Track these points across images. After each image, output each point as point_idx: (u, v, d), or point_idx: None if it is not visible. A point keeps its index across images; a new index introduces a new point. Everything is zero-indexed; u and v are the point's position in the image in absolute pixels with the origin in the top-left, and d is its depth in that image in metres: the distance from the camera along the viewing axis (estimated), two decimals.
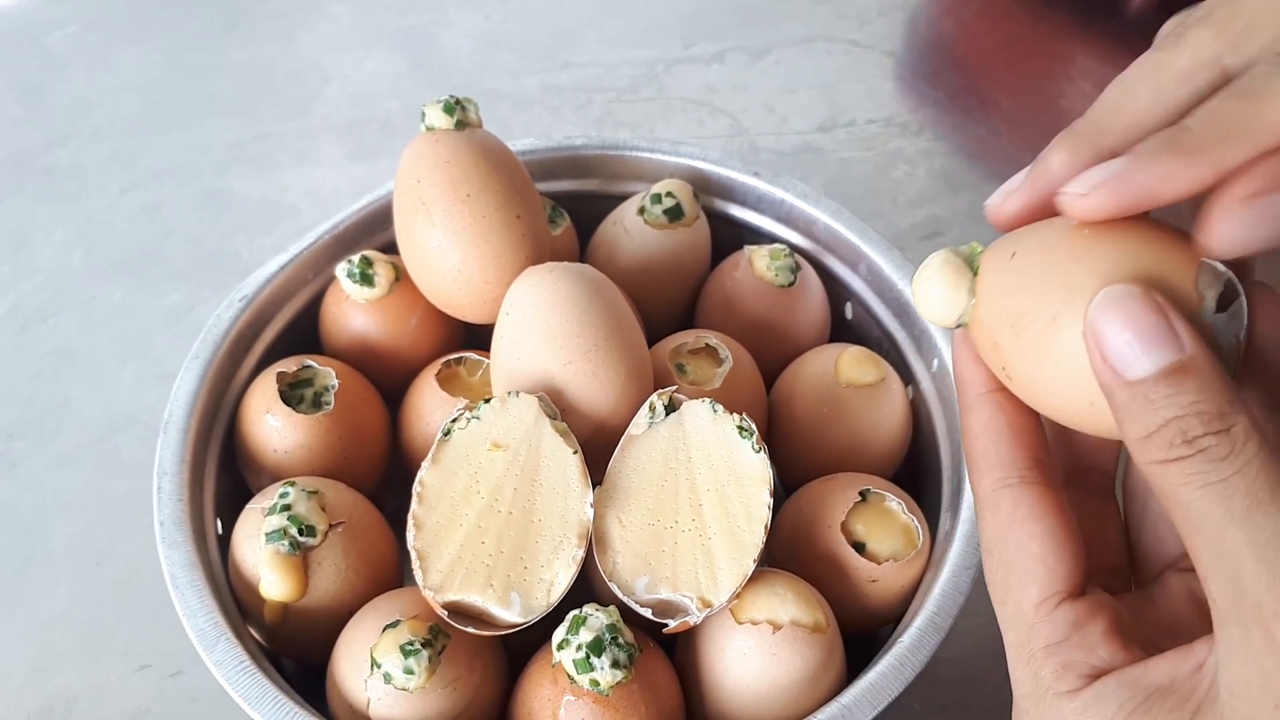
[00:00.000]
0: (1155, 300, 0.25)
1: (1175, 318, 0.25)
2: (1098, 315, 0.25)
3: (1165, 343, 0.24)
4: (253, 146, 0.76)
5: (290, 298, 0.54)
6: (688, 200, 0.56)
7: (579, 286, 0.45)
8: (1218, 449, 0.23)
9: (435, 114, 0.50)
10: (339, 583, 0.44)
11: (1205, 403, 0.24)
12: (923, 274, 0.31)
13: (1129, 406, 0.25)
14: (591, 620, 0.40)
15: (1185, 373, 0.24)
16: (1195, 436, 0.24)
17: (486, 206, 0.48)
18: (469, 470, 0.43)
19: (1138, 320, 0.25)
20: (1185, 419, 0.24)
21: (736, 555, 0.41)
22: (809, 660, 0.41)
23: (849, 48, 0.83)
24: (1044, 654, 0.28)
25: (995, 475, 0.30)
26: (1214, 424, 0.24)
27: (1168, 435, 0.24)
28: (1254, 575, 0.23)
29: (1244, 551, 0.23)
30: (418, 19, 0.85)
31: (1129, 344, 0.24)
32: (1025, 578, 0.29)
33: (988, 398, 0.31)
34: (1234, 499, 0.23)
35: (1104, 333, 0.25)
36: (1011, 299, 0.29)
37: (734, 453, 0.43)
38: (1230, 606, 0.24)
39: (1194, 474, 0.24)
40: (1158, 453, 0.24)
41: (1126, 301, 0.25)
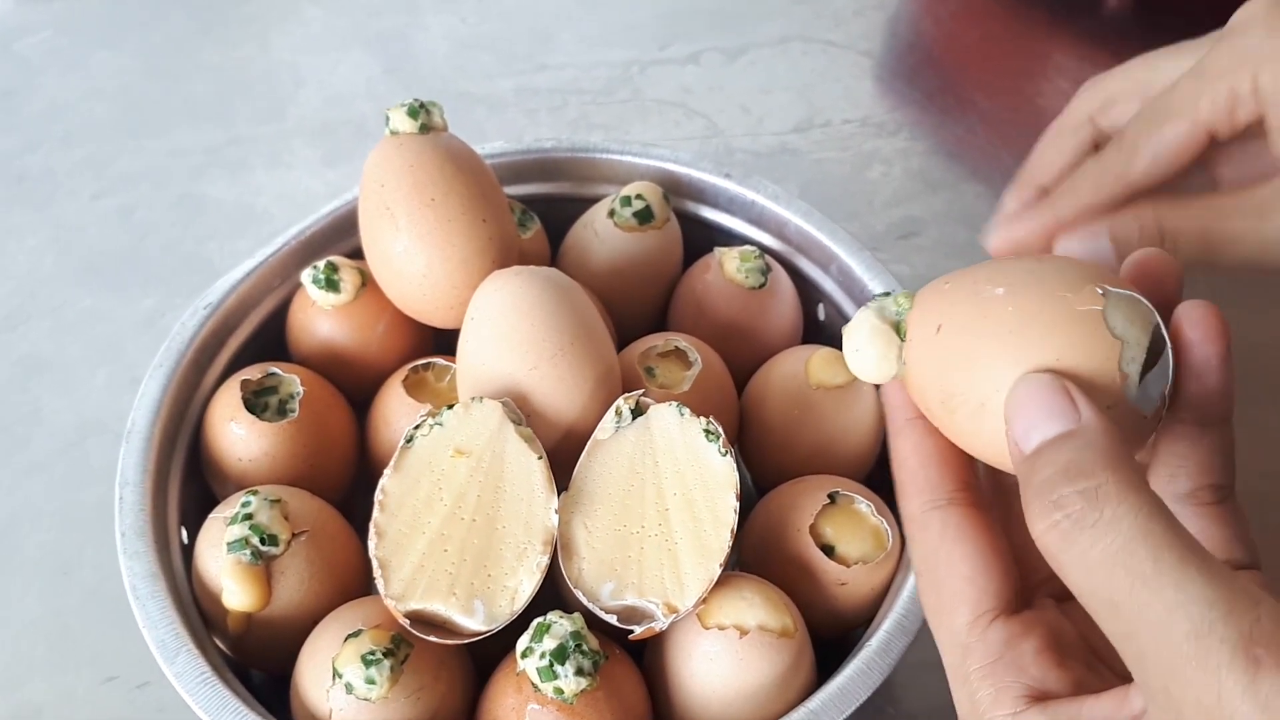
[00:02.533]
0: (1062, 384, 0.25)
1: (1079, 396, 0.25)
2: (1011, 403, 0.26)
3: (1061, 415, 0.25)
4: (226, 151, 0.76)
5: (257, 304, 0.54)
6: (658, 202, 0.55)
7: (544, 290, 0.45)
8: (1085, 515, 0.23)
9: (399, 118, 0.49)
10: (303, 592, 0.44)
11: (1076, 462, 0.24)
12: (851, 342, 0.32)
13: (1024, 480, 0.25)
14: (555, 627, 0.39)
15: (1071, 436, 0.24)
16: (1061, 496, 0.23)
17: (452, 210, 0.48)
18: (432, 477, 0.42)
19: (1043, 401, 0.25)
20: (1053, 477, 0.24)
21: (703, 560, 0.41)
22: (776, 665, 0.41)
23: (825, 48, 0.83)
24: (978, 675, 0.28)
25: (924, 498, 0.30)
26: (1077, 481, 0.23)
27: (1042, 497, 0.24)
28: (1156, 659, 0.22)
29: (1141, 633, 0.22)
30: (393, 21, 0.85)
31: (1031, 422, 0.25)
32: (956, 598, 0.29)
33: (916, 423, 0.31)
34: (1115, 576, 0.22)
35: (1014, 418, 0.26)
36: (940, 378, 0.29)
37: (701, 457, 0.43)
38: (1144, 688, 0.23)
39: (1068, 545, 0.23)
40: (1038, 520, 0.24)
41: (1036, 387, 0.26)
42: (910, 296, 0.31)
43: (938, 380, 0.29)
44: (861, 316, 0.32)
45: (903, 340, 0.31)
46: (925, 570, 0.30)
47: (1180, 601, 0.22)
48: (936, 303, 0.30)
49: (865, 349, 0.31)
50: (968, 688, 0.28)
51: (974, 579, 0.29)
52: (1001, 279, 0.28)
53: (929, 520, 0.30)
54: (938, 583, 0.29)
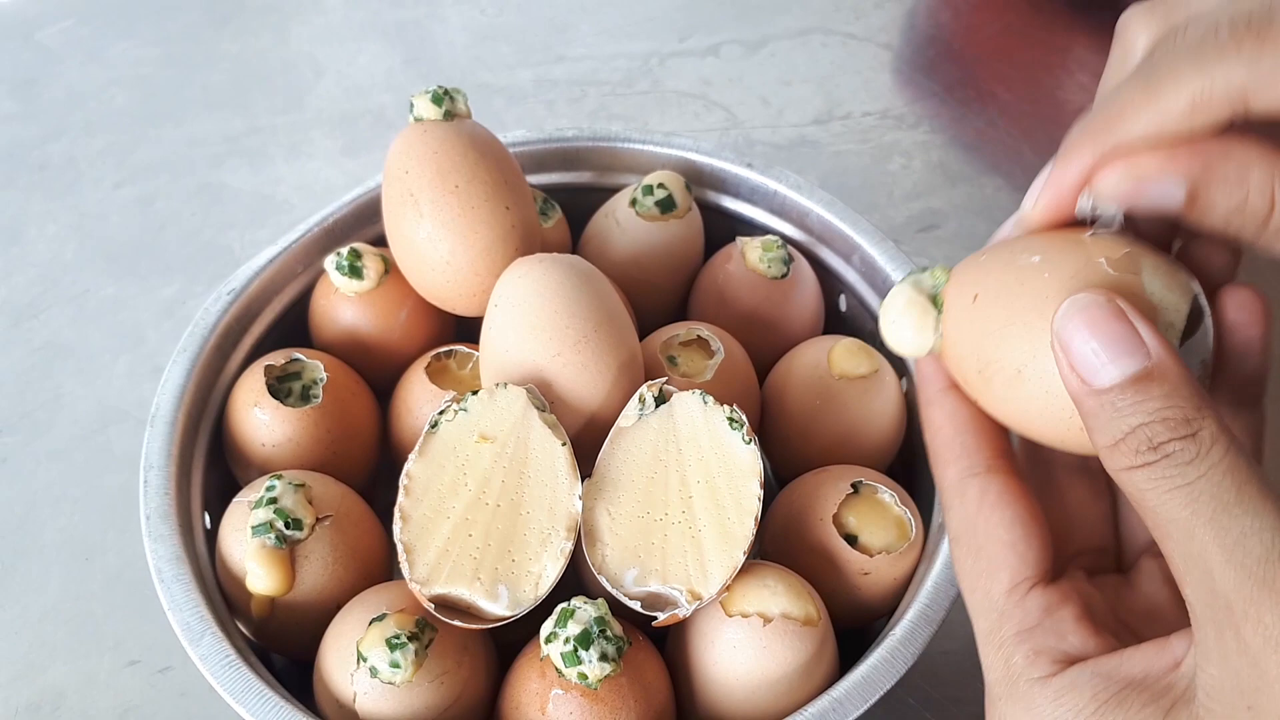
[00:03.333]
0: (1119, 307, 0.25)
1: (1141, 323, 0.25)
2: (1063, 324, 0.25)
3: (1132, 350, 0.24)
4: (246, 140, 0.76)
5: (279, 291, 0.54)
6: (680, 191, 0.55)
7: (568, 278, 0.45)
8: (1183, 453, 0.23)
9: (423, 105, 0.49)
10: (326, 576, 0.44)
11: (1172, 409, 0.24)
12: (888, 315, 0.32)
13: (1097, 415, 0.25)
14: (580, 613, 0.39)
15: (1151, 379, 0.24)
16: (1161, 443, 0.24)
17: (475, 197, 0.48)
18: (456, 463, 0.42)
19: (1103, 328, 0.25)
20: (1152, 425, 0.24)
21: (726, 547, 0.41)
22: (800, 653, 0.40)
23: (845, 40, 0.83)
24: (1015, 640, 0.28)
25: (961, 465, 0.30)
26: (1180, 429, 0.24)
27: (1134, 442, 0.24)
28: (1223, 577, 0.23)
29: (1213, 553, 0.23)
30: (412, 12, 0.85)
31: (1095, 352, 0.25)
32: (995, 564, 0.29)
33: (950, 392, 0.31)
34: (1200, 502, 0.23)
35: (1070, 342, 0.25)
36: (977, 347, 0.29)
37: (724, 444, 0.43)
38: (1204, 608, 0.24)
39: (1160, 479, 0.24)
40: (1125, 459, 0.24)
41: (1091, 309, 0.25)
42: (948, 270, 0.31)
43: (975, 349, 0.29)
44: (898, 289, 0.32)
45: (939, 313, 0.31)
46: (963, 536, 0.30)
47: (1257, 529, 0.23)
48: (973, 273, 0.30)
49: (901, 321, 0.31)
50: (1003, 652, 0.28)
51: (1014, 545, 0.28)
52: (1038, 248, 0.28)
53: (967, 487, 0.30)
54: (976, 548, 0.29)
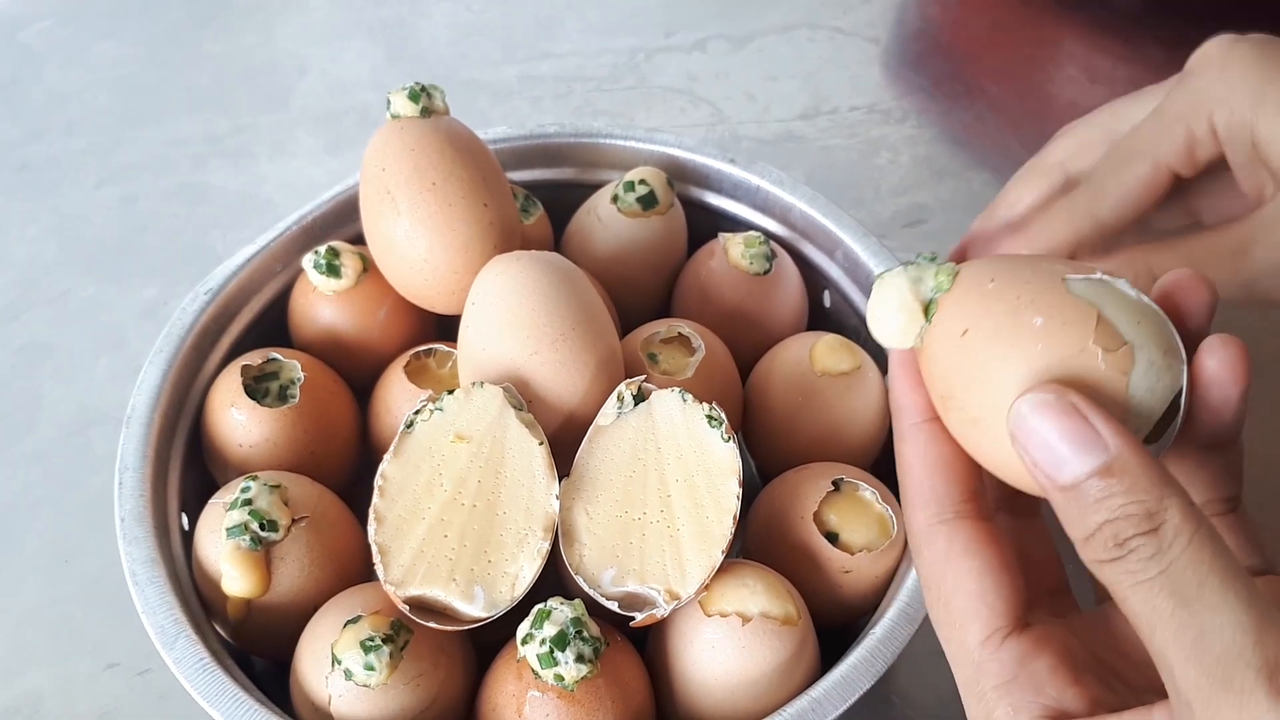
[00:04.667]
0: (1070, 403, 0.25)
1: (1095, 416, 0.25)
2: (1018, 425, 0.26)
3: (1089, 447, 0.24)
4: (230, 139, 0.76)
5: (258, 290, 0.54)
6: (661, 188, 0.55)
7: (545, 275, 0.45)
8: (1145, 548, 0.23)
9: (400, 101, 0.49)
10: (303, 578, 0.44)
11: (1134, 504, 0.24)
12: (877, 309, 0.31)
13: (1065, 510, 0.25)
14: (556, 614, 0.39)
15: (1111, 474, 0.24)
16: (1126, 538, 0.24)
17: (452, 195, 0.47)
18: (432, 463, 0.42)
19: (1058, 426, 0.25)
20: (1116, 523, 0.24)
21: (705, 547, 0.41)
22: (779, 653, 0.40)
23: (832, 35, 0.83)
24: (995, 694, 0.27)
25: (929, 510, 0.30)
26: (1142, 524, 0.24)
27: (1101, 538, 0.24)
28: (1183, 676, 0.23)
29: (1172, 651, 0.23)
30: (396, 9, 0.84)
31: (1054, 451, 0.25)
32: (966, 616, 0.28)
33: (923, 428, 0.30)
34: (1160, 599, 0.23)
35: (1028, 442, 0.25)
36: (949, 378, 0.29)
37: (703, 443, 0.43)
38: (1175, 703, 0.24)
39: (1126, 574, 0.24)
40: (1096, 553, 0.24)
41: (1044, 410, 0.25)
42: (952, 275, 0.30)
43: (945, 378, 0.29)
44: (895, 284, 0.30)
45: (928, 321, 0.30)
46: (932, 586, 0.29)
47: (1216, 626, 0.23)
48: (974, 305, 0.29)
49: (890, 320, 0.30)
50: (984, 705, 0.28)
51: (984, 596, 0.28)
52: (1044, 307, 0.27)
53: (935, 535, 0.29)
54: (946, 599, 0.29)
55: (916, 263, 0.31)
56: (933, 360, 0.30)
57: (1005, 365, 0.27)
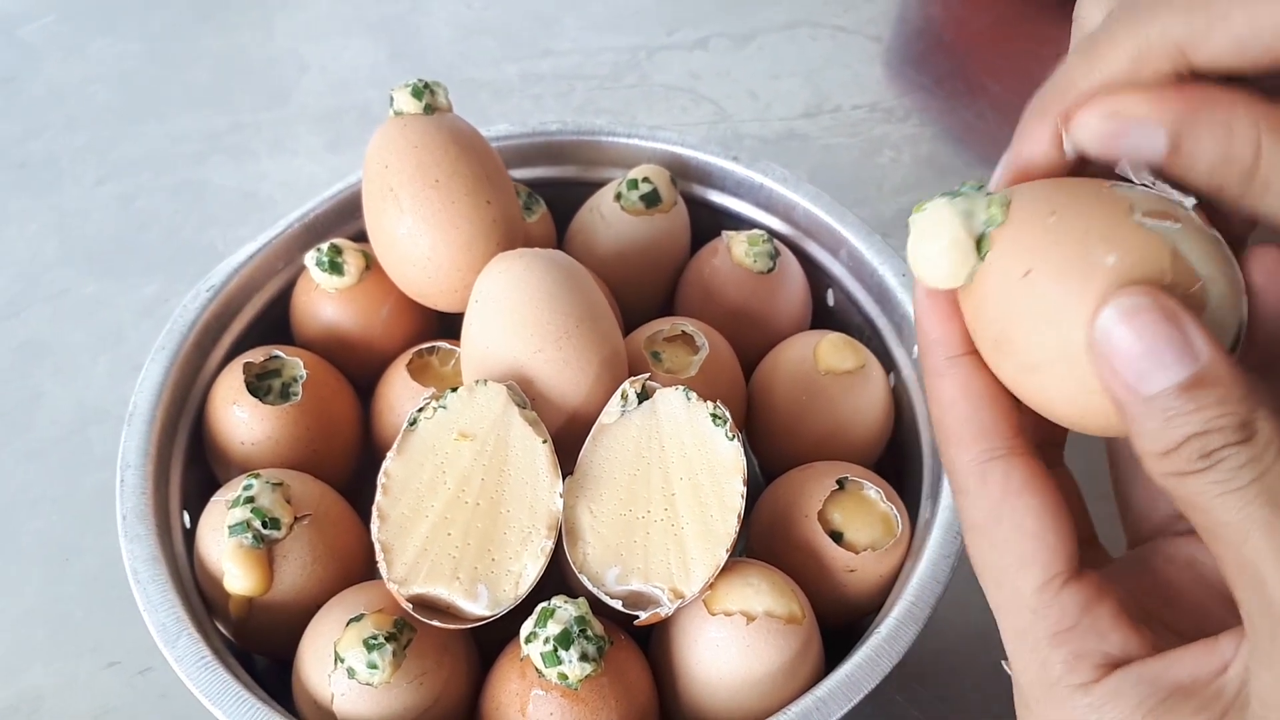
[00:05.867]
0: (1167, 308, 0.23)
1: (1189, 324, 0.23)
2: (1108, 328, 0.24)
3: (1181, 355, 0.23)
4: (229, 136, 0.75)
5: (260, 288, 0.53)
6: (665, 186, 0.55)
7: (549, 273, 0.44)
8: (1238, 457, 0.22)
9: (403, 98, 0.49)
10: (305, 576, 0.43)
11: (1226, 416, 0.23)
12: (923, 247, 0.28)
13: (1143, 422, 0.23)
14: (560, 612, 0.39)
15: (1203, 385, 0.23)
16: (1215, 449, 0.22)
17: (456, 192, 0.47)
18: (435, 461, 0.42)
19: (1151, 332, 0.23)
20: (1208, 435, 0.23)
21: (709, 545, 0.40)
22: (784, 652, 0.40)
23: (834, 33, 0.82)
24: (1051, 643, 0.26)
25: (981, 446, 0.27)
26: (1234, 435, 0.22)
27: (1187, 451, 0.23)
28: (1277, 582, 0.22)
29: (1267, 559, 0.22)
30: (397, 7, 0.84)
31: (1142, 358, 0.23)
32: (1025, 559, 0.26)
33: (962, 361, 0.28)
34: (1254, 505, 0.22)
35: (1115, 347, 0.23)
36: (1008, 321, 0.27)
37: (707, 441, 0.42)
38: (1258, 613, 0.23)
39: (1213, 484, 0.23)
40: (1177, 466, 0.23)
41: (1137, 314, 0.23)
42: (1005, 206, 0.27)
43: (1002, 322, 0.27)
44: (942, 217, 0.27)
45: (981, 259, 0.27)
46: (986, 526, 0.27)
47: None
48: (1035, 242, 0.26)
49: (939, 260, 0.27)
50: (1038, 654, 0.26)
51: (1044, 537, 0.26)
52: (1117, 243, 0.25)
53: (989, 472, 0.27)
54: (1002, 540, 0.27)
55: (963, 192, 0.28)
56: (984, 301, 0.27)
57: (1077, 304, 0.25)
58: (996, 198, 0.27)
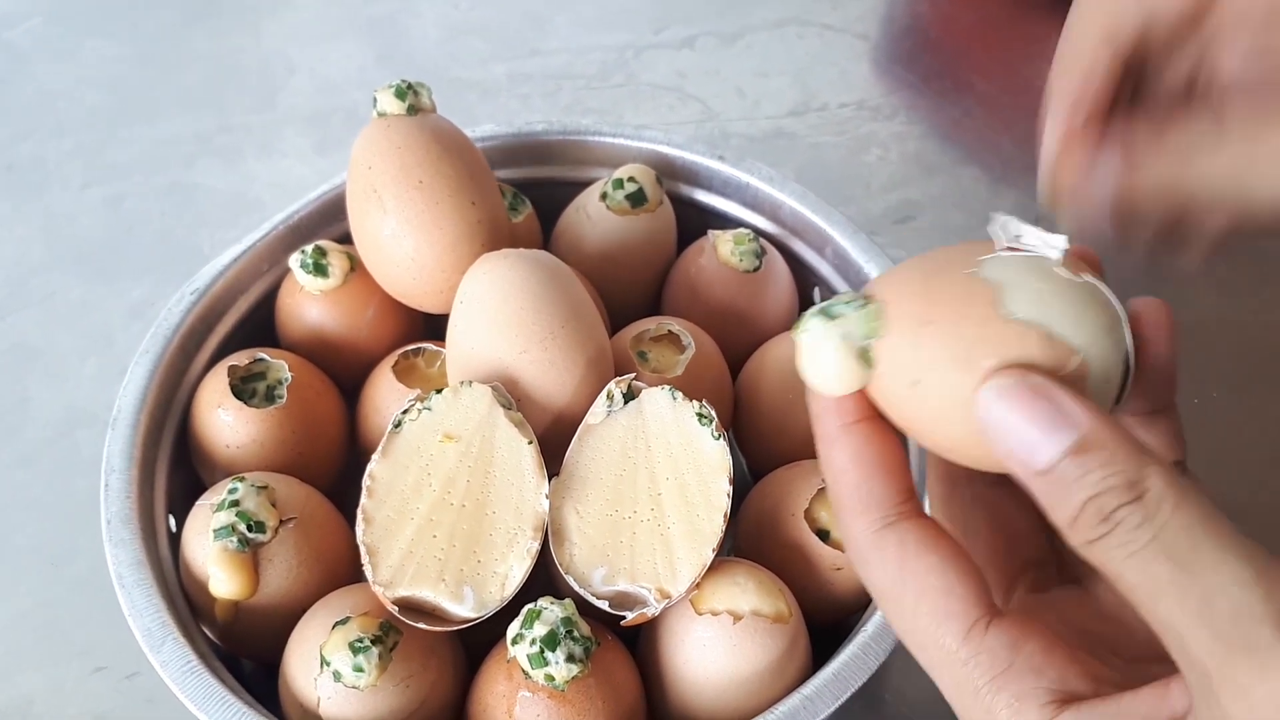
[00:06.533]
0: (1035, 384, 0.24)
1: (1060, 395, 0.24)
2: (986, 417, 0.25)
3: (1059, 426, 0.24)
4: (218, 139, 0.75)
5: (245, 290, 0.53)
6: (650, 185, 0.55)
7: (534, 273, 0.44)
8: (1132, 518, 0.23)
9: (387, 99, 0.49)
10: (291, 579, 0.43)
11: (1114, 475, 0.23)
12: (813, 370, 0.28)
13: (1047, 495, 0.24)
14: (546, 614, 0.39)
15: (1088, 449, 0.24)
16: (1110, 511, 0.23)
17: (440, 193, 0.47)
18: (420, 463, 0.42)
19: (1024, 411, 0.24)
20: (1100, 498, 0.23)
21: (695, 545, 0.40)
22: (771, 650, 0.40)
23: (822, 31, 0.82)
24: (991, 688, 0.25)
25: (873, 515, 0.28)
26: (1125, 494, 0.23)
27: (1087, 517, 0.23)
28: (1195, 642, 0.22)
29: (1179, 619, 0.22)
30: (385, 8, 0.84)
31: (1024, 435, 0.24)
32: (940, 616, 0.26)
33: (855, 429, 0.28)
34: (1155, 564, 0.22)
35: (999, 434, 0.25)
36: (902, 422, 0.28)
37: (693, 441, 0.42)
38: (1186, 670, 0.23)
39: (1117, 548, 0.23)
40: (1084, 534, 0.24)
41: (1007, 396, 0.24)
42: (880, 319, 0.27)
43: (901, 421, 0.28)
44: (823, 340, 0.27)
45: (870, 367, 0.27)
46: (892, 595, 0.27)
47: (1219, 585, 0.22)
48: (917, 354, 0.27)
49: (830, 380, 0.28)
50: (981, 703, 0.26)
51: (953, 590, 0.26)
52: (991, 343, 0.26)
53: (884, 540, 0.27)
54: (912, 605, 0.27)
55: (834, 309, 0.28)
56: (885, 403, 0.28)
57: (966, 408, 0.26)
58: (869, 311, 0.27)
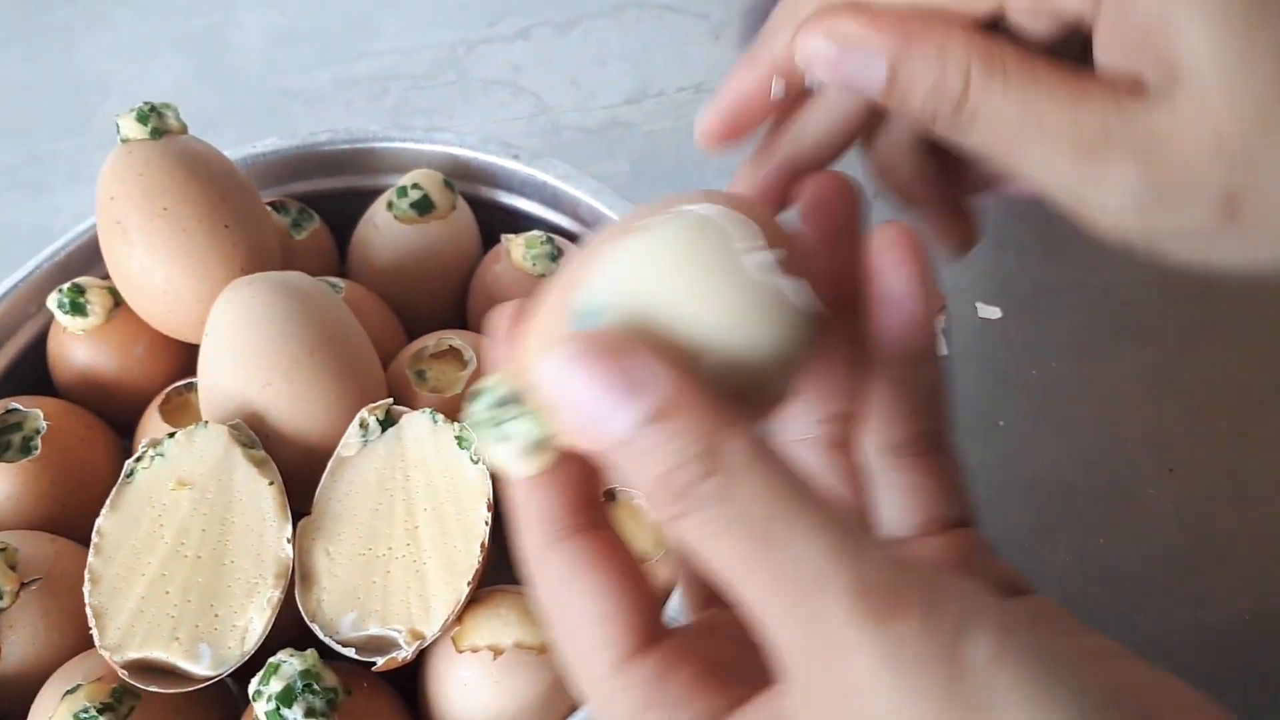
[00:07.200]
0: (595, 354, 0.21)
1: (636, 354, 0.21)
2: (549, 389, 0.21)
3: (632, 391, 0.21)
4: (25, 170, 0.72)
5: (12, 334, 0.50)
6: (437, 191, 0.52)
7: (277, 299, 0.42)
8: (709, 493, 0.20)
9: (128, 124, 0.46)
10: (38, 645, 0.40)
11: (688, 444, 0.20)
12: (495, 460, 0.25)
13: (625, 470, 0.21)
14: (284, 667, 0.36)
15: (665, 416, 0.20)
16: (687, 486, 0.20)
17: (186, 219, 0.44)
18: (152, 514, 0.39)
19: (593, 376, 0.21)
20: (674, 471, 0.20)
21: (450, 580, 0.38)
22: (537, 684, 0.38)
23: (661, 13, 0.80)
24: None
25: (544, 530, 0.25)
26: (701, 466, 0.20)
27: (664, 493, 0.20)
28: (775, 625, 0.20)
29: (757, 600, 0.20)
30: (206, 20, 0.81)
31: (593, 405, 0.21)
32: (593, 643, 0.24)
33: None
34: (734, 545, 0.20)
35: (563, 406, 0.21)
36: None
37: (453, 466, 0.40)
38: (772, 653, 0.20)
39: (697, 528, 0.20)
40: (663, 513, 0.21)
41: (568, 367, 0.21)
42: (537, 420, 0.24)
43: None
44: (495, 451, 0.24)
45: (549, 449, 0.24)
46: (555, 618, 0.25)
47: (796, 558, 0.19)
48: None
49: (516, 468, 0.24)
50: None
51: (609, 616, 0.24)
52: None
53: (549, 557, 0.24)
54: (570, 628, 0.24)
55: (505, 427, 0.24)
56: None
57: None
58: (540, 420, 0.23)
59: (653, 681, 0.23)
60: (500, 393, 0.24)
